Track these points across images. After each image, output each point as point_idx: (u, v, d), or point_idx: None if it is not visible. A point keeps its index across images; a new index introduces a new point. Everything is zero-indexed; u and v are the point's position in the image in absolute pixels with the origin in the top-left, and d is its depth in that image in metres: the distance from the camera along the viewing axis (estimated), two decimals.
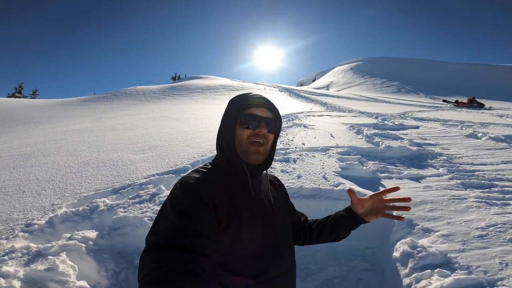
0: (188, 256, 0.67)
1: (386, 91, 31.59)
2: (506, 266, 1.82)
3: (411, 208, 0.97)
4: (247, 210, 0.85)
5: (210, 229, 0.75)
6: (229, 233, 0.80)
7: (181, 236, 0.70)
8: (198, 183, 0.82)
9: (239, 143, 0.91)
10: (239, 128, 0.91)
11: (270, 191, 0.98)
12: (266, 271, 0.83)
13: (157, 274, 0.63)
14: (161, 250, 0.68)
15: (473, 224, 2.36)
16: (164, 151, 4.48)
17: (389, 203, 0.97)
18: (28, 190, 3.12)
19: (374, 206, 0.98)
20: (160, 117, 8.55)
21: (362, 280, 2.40)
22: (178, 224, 0.72)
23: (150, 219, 2.53)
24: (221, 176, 0.88)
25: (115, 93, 16.14)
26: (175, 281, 0.62)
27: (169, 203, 0.79)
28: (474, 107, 15.44)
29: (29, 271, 1.79)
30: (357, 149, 4.81)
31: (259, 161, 0.93)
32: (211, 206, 0.78)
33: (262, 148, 0.91)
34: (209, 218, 0.76)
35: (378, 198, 0.97)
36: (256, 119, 0.90)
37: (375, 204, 0.98)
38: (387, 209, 0.97)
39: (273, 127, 0.94)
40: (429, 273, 1.79)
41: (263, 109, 0.93)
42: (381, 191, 0.96)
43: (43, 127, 8.03)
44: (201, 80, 22.54)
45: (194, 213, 0.75)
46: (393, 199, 0.96)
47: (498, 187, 3.16)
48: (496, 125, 7.59)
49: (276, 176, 1.14)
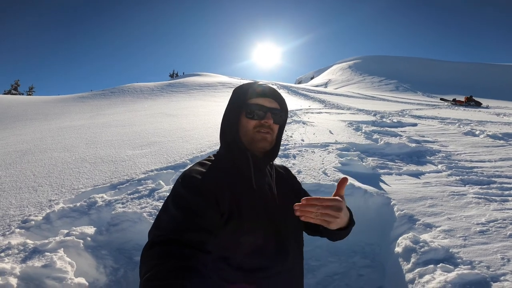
0: (190, 252, 0.66)
1: (384, 89, 31.69)
2: (508, 261, 1.81)
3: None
4: (249, 204, 0.82)
5: (212, 223, 0.74)
6: (231, 227, 0.78)
7: (183, 232, 0.69)
8: (200, 176, 0.80)
9: (244, 133, 0.89)
10: (244, 119, 0.88)
11: (275, 183, 0.95)
12: (268, 266, 0.81)
13: (159, 271, 0.62)
14: (163, 246, 0.67)
15: (473, 220, 2.36)
16: (163, 147, 4.44)
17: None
18: (25, 186, 3.08)
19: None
20: (158, 113, 8.49)
21: (362, 276, 2.40)
22: (180, 219, 0.71)
23: (149, 214, 2.50)
24: (224, 169, 0.86)
25: (113, 90, 16.00)
26: (177, 278, 0.61)
27: (171, 197, 0.77)
28: (471, 106, 15.53)
29: (26, 268, 1.75)
30: (356, 145, 4.80)
31: (266, 149, 0.90)
32: (213, 199, 0.76)
33: (269, 136, 0.89)
34: (211, 213, 0.75)
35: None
36: (262, 109, 0.87)
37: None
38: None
39: (279, 118, 0.91)
40: (432, 268, 1.78)
41: (269, 99, 0.90)
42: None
43: (40, 123, 7.93)
44: (199, 77, 22.43)
45: (196, 207, 0.73)
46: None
47: (497, 184, 3.17)
48: (494, 123, 7.63)
49: (285, 166, 1.11)
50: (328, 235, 0.95)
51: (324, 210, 0.71)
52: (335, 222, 0.73)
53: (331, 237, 0.96)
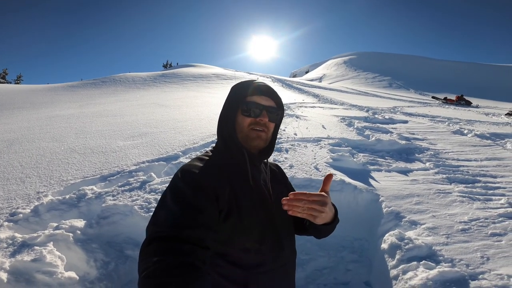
0: (189, 249, 0.66)
1: (378, 85, 31.92)
2: (487, 260, 1.89)
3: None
4: (248, 200, 0.84)
5: (211, 219, 0.74)
6: (229, 223, 0.79)
7: (181, 228, 0.68)
8: (199, 171, 0.80)
9: (239, 130, 0.90)
10: (240, 116, 0.90)
11: (270, 180, 0.96)
12: (264, 262, 0.83)
13: (157, 268, 0.62)
14: (162, 242, 0.66)
15: (456, 218, 2.44)
16: (155, 138, 4.39)
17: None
18: (12, 177, 3.02)
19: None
20: (151, 104, 8.36)
21: (350, 271, 2.47)
22: (179, 215, 0.70)
23: (141, 207, 2.49)
24: (222, 165, 0.87)
25: (104, 80, 15.64)
26: (176, 275, 0.61)
27: (170, 192, 0.76)
28: (462, 105, 15.83)
29: (15, 262, 1.73)
30: (348, 141, 4.86)
31: (260, 146, 0.91)
32: (213, 195, 0.76)
33: (264, 134, 0.90)
34: (210, 208, 0.75)
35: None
36: (258, 107, 0.88)
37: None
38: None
39: (274, 116, 0.92)
40: (415, 265, 1.85)
41: (265, 98, 0.91)
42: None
43: (27, 112, 7.72)
44: (193, 68, 22.09)
45: (195, 203, 0.73)
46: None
47: (481, 183, 3.27)
48: (482, 123, 7.82)
49: (277, 164, 1.13)
50: (314, 231, 0.97)
51: (310, 204, 0.74)
52: (320, 217, 0.76)
53: (317, 234, 0.98)
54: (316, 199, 0.75)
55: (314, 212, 0.75)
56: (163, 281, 0.60)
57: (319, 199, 0.76)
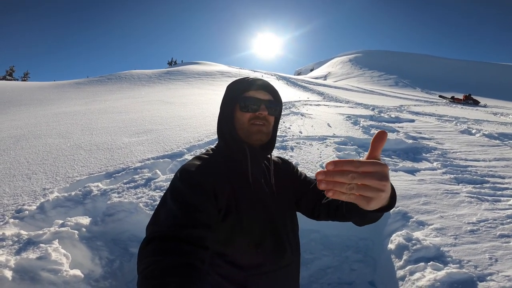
0: (188, 249, 0.65)
1: (383, 84, 31.59)
2: (496, 261, 1.86)
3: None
4: (247, 199, 0.82)
5: (211, 219, 0.73)
6: (228, 222, 0.77)
7: (181, 227, 0.67)
8: (198, 170, 0.79)
9: (240, 127, 0.88)
10: (239, 112, 0.88)
11: (272, 177, 0.94)
12: (264, 263, 0.81)
13: (156, 268, 0.61)
14: (161, 241, 0.65)
15: (465, 219, 2.40)
16: (160, 135, 4.40)
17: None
18: (19, 174, 3.05)
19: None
20: (156, 101, 8.39)
21: (354, 271, 2.44)
22: (178, 214, 0.69)
23: (146, 204, 2.49)
24: (222, 163, 0.86)
25: (110, 77, 15.75)
26: (175, 276, 0.59)
27: (170, 192, 0.76)
28: (469, 104, 15.57)
29: (20, 260, 1.74)
30: (354, 139, 4.82)
31: (263, 141, 0.89)
32: (212, 194, 0.75)
33: (265, 128, 0.88)
34: (209, 208, 0.74)
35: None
36: (256, 102, 0.87)
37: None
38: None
39: (273, 110, 0.91)
40: (422, 266, 1.82)
41: (262, 92, 0.89)
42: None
43: (34, 109, 7.81)
44: (198, 66, 22.13)
45: (195, 202, 0.72)
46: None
47: (490, 183, 3.21)
48: (490, 123, 7.67)
49: (281, 156, 1.10)
50: (356, 216, 0.74)
51: (363, 179, 0.45)
52: (378, 198, 0.48)
53: (360, 220, 0.76)
54: (372, 170, 0.46)
55: (369, 192, 0.46)
56: (162, 281, 0.58)
57: (376, 170, 0.46)
